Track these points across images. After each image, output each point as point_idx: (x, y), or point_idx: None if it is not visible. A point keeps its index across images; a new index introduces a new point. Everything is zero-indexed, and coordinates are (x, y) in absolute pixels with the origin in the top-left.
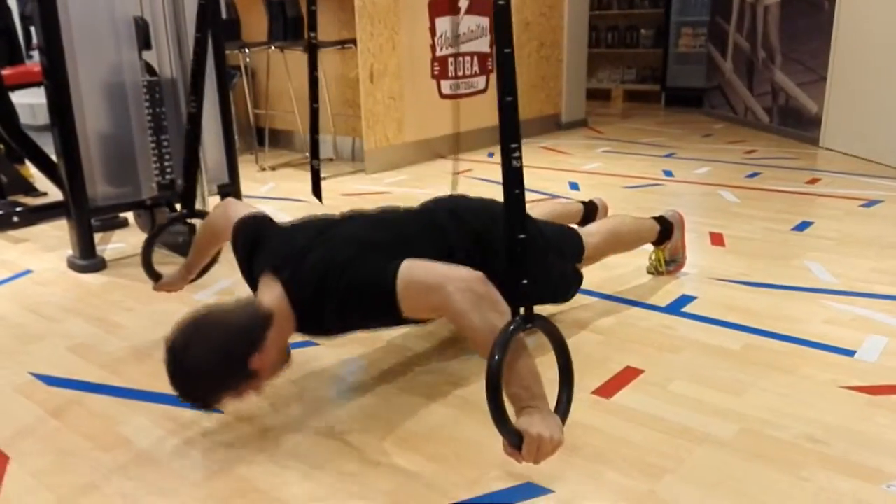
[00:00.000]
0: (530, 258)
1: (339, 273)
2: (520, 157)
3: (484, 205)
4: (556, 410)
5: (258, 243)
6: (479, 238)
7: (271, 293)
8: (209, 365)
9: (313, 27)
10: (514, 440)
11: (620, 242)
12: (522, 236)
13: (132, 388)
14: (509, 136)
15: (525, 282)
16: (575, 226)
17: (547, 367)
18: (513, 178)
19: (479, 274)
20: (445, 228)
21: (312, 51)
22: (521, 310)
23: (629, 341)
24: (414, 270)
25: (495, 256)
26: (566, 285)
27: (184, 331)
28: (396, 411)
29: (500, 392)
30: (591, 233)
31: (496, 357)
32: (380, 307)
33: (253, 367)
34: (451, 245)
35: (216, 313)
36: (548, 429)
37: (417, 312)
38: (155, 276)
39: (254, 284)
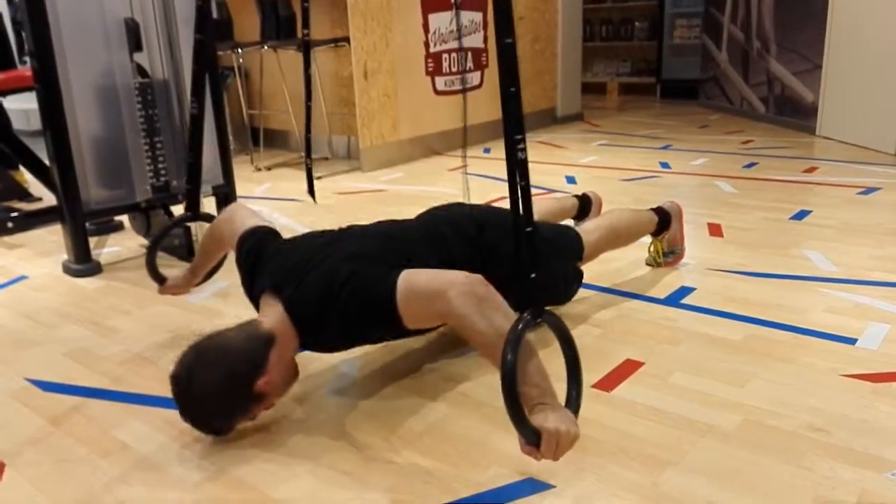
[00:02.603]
0: (538, 251)
1: (338, 288)
2: (525, 149)
3: (480, 211)
4: (567, 405)
5: (260, 259)
6: (476, 243)
7: (273, 312)
8: (215, 394)
9: (307, 24)
10: (532, 438)
11: (619, 237)
12: (529, 229)
13: (129, 393)
14: (514, 127)
15: (534, 275)
16: (572, 223)
17: (551, 361)
18: (518, 171)
19: (478, 276)
20: (445, 236)
21: (307, 48)
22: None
23: (629, 334)
24: (413, 279)
25: (494, 260)
26: (567, 285)
27: (186, 362)
28: (396, 409)
29: (517, 392)
30: (589, 230)
31: (510, 357)
32: (381, 318)
33: (259, 390)
34: (451, 252)
35: (217, 340)
36: (563, 423)
37: (420, 321)
38: (159, 279)
39: (255, 300)
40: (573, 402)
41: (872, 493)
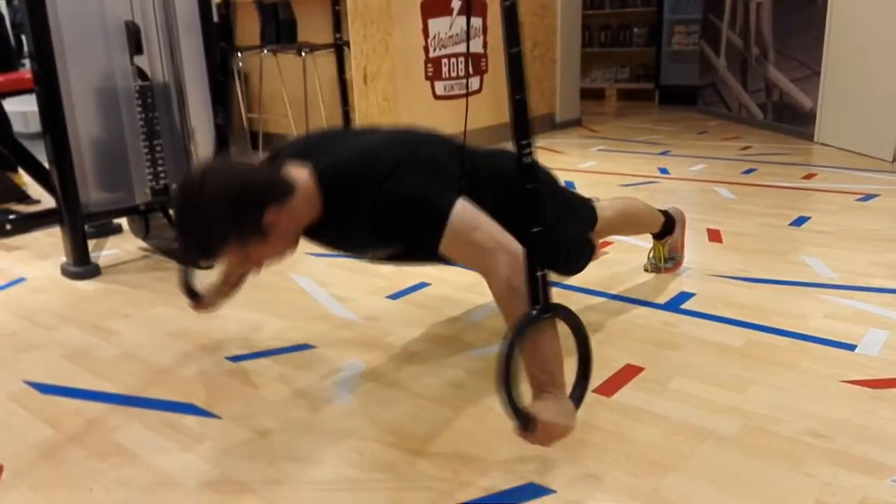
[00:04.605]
0: (547, 250)
1: (387, 173)
2: (531, 153)
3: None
4: (571, 396)
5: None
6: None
7: (299, 173)
8: (225, 196)
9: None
10: (525, 423)
11: (629, 223)
12: (537, 229)
13: (128, 395)
14: (521, 132)
15: (540, 273)
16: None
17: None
18: (526, 174)
19: (520, 250)
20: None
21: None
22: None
23: (629, 339)
24: (470, 216)
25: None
26: (579, 251)
27: (205, 167)
28: (397, 414)
29: (510, 378)
30: (604, 207)
31: (510, 344)
32: (422, 231)
33: (267, 219)
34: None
35: (242, 164)
36: (559, 416)
37: (454, 256)
38: (193, 296)
39: None
40: (577, 395)
41: (873, 499)
